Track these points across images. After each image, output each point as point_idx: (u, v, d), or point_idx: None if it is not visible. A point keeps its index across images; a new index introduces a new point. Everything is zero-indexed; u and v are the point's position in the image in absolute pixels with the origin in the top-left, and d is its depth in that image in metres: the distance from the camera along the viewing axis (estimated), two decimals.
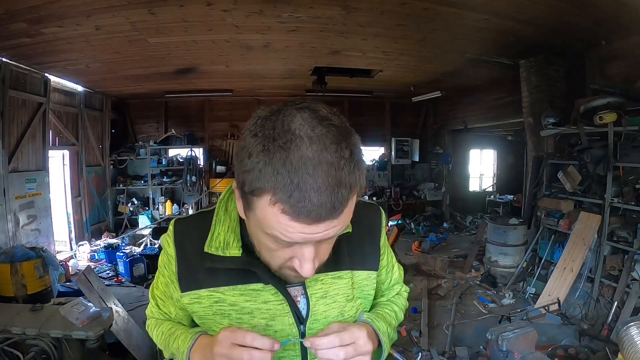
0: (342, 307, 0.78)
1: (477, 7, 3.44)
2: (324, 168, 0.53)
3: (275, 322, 0.74)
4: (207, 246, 0.72)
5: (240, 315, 0.74)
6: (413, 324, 3.73)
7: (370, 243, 0.84)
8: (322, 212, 0.54)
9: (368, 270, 0.83)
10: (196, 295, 0.75)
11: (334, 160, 0.54)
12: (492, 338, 1.50)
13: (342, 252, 0.77)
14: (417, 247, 6.39)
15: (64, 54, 4.50)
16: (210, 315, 0.75)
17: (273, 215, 0.56)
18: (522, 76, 5.08)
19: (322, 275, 0.76)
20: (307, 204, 0.53)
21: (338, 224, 0.58)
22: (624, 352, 1.57)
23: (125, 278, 5.14)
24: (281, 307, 0.74)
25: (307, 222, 0.55)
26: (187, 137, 7.68)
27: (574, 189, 4.18)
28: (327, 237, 0.59)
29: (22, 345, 2.45)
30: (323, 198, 0.53)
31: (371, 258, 0.84)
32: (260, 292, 0.74)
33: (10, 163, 4.61)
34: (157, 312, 0.87)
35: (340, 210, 0.56)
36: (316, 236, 0.58)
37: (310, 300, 0.76)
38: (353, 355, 0.67)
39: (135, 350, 2.97)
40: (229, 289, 0.74)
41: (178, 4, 3.30)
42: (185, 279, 0.76)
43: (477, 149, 9.57)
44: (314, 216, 0.54)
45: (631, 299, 3.33)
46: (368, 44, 4.54)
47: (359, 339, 0.69)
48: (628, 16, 3.44)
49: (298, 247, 0.61)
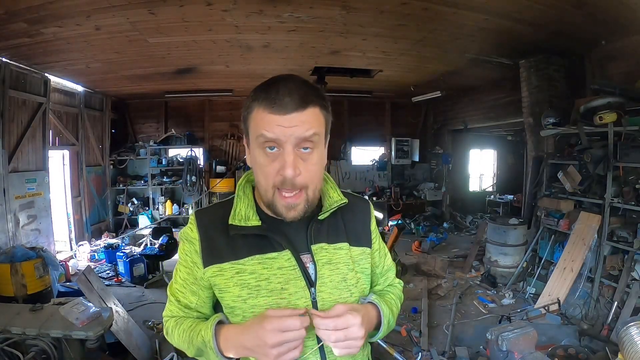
0: (345, 274, 0.91)
1: (477, 7, 3.44)
2: (294, 83, 0.78)
3: (289, 285, 0.86)
4: (232, 219, 0.87)
5: (259, 282, 0.85)
6: (413, 324, 3.73)
7: (363, 225, 1.00)
8: (290, 103, 0.76)
9: (363, 247, 0.97)
10: (219, 268, 0.87)
11: (302, 82, 0.80)
12: (492, 338, 1.51)
13: (340, 228, 0.94)
14: (417, 247, 6.39)
15: (64, 54, 4.50)
16: (230, 286, 0.86)
17: (258, 116, 0.78)
18: (522, 76, 5.08)
19: (325, 244, 0.91)
20: (280, 98, 0.76)
21: (306, 121, 0.77)
22: (624, 352, 1.57)
23: (125, 278, 5.15)
24: (294, 272, 0.86)
25: (281, 112, 0.76)
26: (187, 137, 7.67)
27: (574, 189, 4.18)
28: (298, 133, 0.77)
29: (22, 345, 2.45)
30: (291, 95, 0.76)
31: (364, 238, 0.99)
32: (275, 259, 0.86)
33: (10, 163, 4.61)
34: (177, 308, 0.94)
35: (305, 106, 0.77)
36: (289, 130, 0.76)
37: (317, 265, 0.89)
38: (343, 340, 0.78)
39: (135, 350, 2.97)
40: (248, 259, 0.86)
41: (178, 4, 3.30)
42: (208, 255, 0.88)
43: (477, 149, 9.57)
44: (285, 107, 0.76)
45: (631, 299, 3.33)
46: (368, 44, 4.54)
47: (353, 326, 0.79)
48: (628, 16, 3.44)
49: (282, 156, 0.78)
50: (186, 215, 7.62)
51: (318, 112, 0.80)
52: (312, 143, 0.80)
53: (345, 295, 0.91)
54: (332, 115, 0.86)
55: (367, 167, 8.91)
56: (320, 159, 0.84)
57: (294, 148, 0.78)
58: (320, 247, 0.90)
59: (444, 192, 8.60)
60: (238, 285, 0.86)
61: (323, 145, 0.85)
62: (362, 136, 8.88)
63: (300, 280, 0.87)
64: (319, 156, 0.83)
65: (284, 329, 0.75)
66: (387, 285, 1.08)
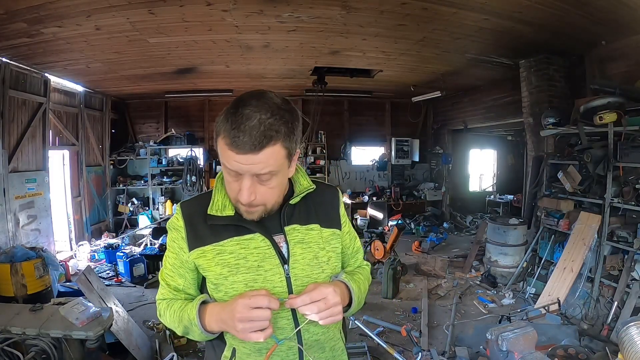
0: (316, 252, 1.00)
1: (477, 7, 3.44)
2: (257, 117, 0.80)
3: (264, 262, 0.95)
4: (210, 209, 0.96)
5: (237, 261, 0.94)
6: (413, 324, 3.72)
7: (332, 209, 1.09)
8: (246, 146, 0.79)
9: (333, 229, 1.06)
10: (202, 251, 0.96)
11: (265, 115, 0.81)
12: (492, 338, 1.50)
13: (311, 211, 1.04)
14: (417, 247, 6.39)
15: (64, 54, 4.50)
16: (212, 266, 0.95)
17: (222, 147, 0.83)
18: (522, 76, 5.08)
19: (297, 226, 1.00)
20: (238, 139, 0.79)
21: (260, 162, 0.81)
22: (624, 352, 1.56)
23: (125, 278, 5.15)
24: (269, 251, 0.96)
25: (237, 151, 0.80)
26: (187, 137, 7.67)
27: (574, 189, 4.18)
28: (254, 171, 0.82)
29: (22, 345, 2.45)
30: (247, 137, 0.79)
31: (334, 221, 1.08)
32: (251, 240, 0.96)
33: (10, 163, 4.61)
34: (167, 291, 1.03)
35: (260, 148, 0.80)
36: (245, 167, 0.82)
37: (290, 244, 0.98)
38: (325, 308, 0.86)
39: (135, 350, 2.97)
40: (228, 241, 0.96)
41: (178, 4, 3.30)
42: (193, 240, 0.97)
43: (477, 149, 9.57)
44: (241, 148, 0.80)
45: (631, 299, 3.33)
46: (368, 44, 4.54)
47: (328, 294, 0.87)
48: (628, 16, 3.44)
49: (241, 180, 0.85)
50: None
51: (278, 148, 0.83)
52: (270, 175, 0.86)
53: (317, 271, 0.99)
54: (329, 116, 0.93)
55: (367, 167, 8.91)
56: (279, 182, 0.91)
57: (251, 177, 0.85)
58: (292, 228, 0.99)
59: (444, 192, 8.60)
60: (219, 264, 0.95)
61: (283, 171, 0.90)
62: (362, 136, 8.88)
63: (275, 258, 0.96)
64: (278, 181, 0.90)
65: (252, 305, 0.82)
66: (357, 267, 1.17)
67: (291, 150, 0.87)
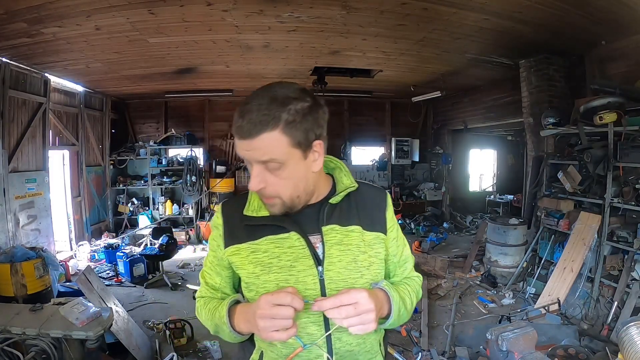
0: (355, 255, 0.95)
1: (477, 7, 3.43)
2: (257, 104, 0.80)
3: (298, 263, 0.92)
4: (246, 210, 0.97)
5: (271, 260, 0.93)
6: (413, 324, 3.72)
7: (377, 212, 1.02)
8: (244, 132, 0.80)
9: (377, 232, 0.99)
10: (236, 248, 0.96)
11: (266, 102, 0.80)
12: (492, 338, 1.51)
13: (353, 212, 0.98)
14: (417, 247, 6.39)
15: (64, 54, 4.50)
16: (246, 264, 0.95)
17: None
18: (522, 76, 5.08)
19: (337, 226, 0.95)
20: (239, 122, 0.81)
21: (258, 148, 0.81)
22: (624, 352, 1.57)
23: (125, 278, 5.15)
24: (303, 251, 0.92)
25: (238, 137, 0.82)
26: (187, 137, 7.66)
27: (574, 189, 4.18)
28: (255, 157, 0.83)
29: (22, 345, 2.45)
30: (245, 123, 0.80)
31: (378, 224, 1.01)
32: (286, 239, 0.93)
33: (10, 163, 4.61)
34: (205, 289, 1.05)
35: (256, 134, 0.80)
36: (247, 153, 0.83)
37: (326, 245, 0.93)
38: (354, 314, 0.79)
39: (135, 350, 2.97)
40: (263, 240, 0.94)
41: (178, 4, 3.30)
42: (229, 237, 0.98)
43: (477, 149, 9.57)
44: (241, 134, 0.81)
45: (631, 299, 3.33)
46: (368, 44, 4.54)
47: (360, 299, 0.80)
48: (628, 16, 3.44)
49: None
50: (186, 215, 7.63)
51: (277, 135, 0.80)
52: (276, 164, 0.83)
53: (355, 275, 0.94)
54: (329, 115, 0.91)
55: (367, 167, 8.91)
56: (291, 174, 0.85)
57: (258, 165, 0.84)
58: (331, 229, 0.95)
59: (444, 192, 8.60)
60: (252, 262, 0.94)
61: (294, 162, 0.85)
62: (362, 136, 8.88)
63: (309, 258, 0.92)
64: (289, 172, 0.85)
65: (274, 302, 0.79)
66: (405, 278, 1.09)
67: (300, 139, 0.82)
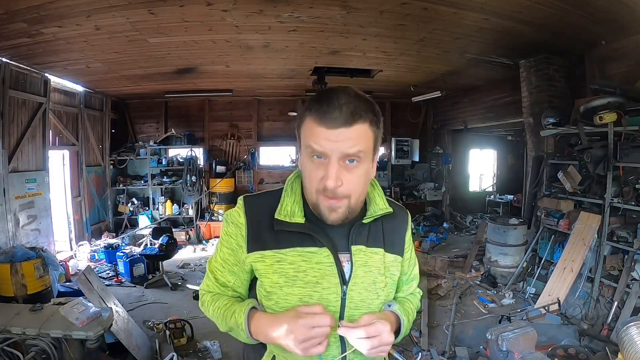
0: (375, 277, 0.95)
1: (477, 7, 3.43)
2: (346, 97, 0.80)
3: (324, 280, 0.90)
4: (277, 214, 0.91)
5: (296, 273, 0.90)
6: (413, 324, 3.73)
7: (399, 234, 1.03)
8: (339, 118, 0.78)
9: (395, 255, 1.01)
10: (261, 255, 0.92)
11: (354, 97, 0.81)
12: (492, 338, 1.51)
13: (379, 234, 0.98)
14: (417, 247, 6.39)
15: (64, 54, 4.50)
16: (270, 273, 0.91)
17: (308, 126, 0.82)
18: (522, 76, 5.08)
19: (363, 247, 0.94)
20: (330, 112, 0.78)
21: (351, 138, 0.79)
22: (624, 352, 1.57)
23: (125, 278, 5.15)
24: (330, 269, 0.90)
25: (329, 126, 0.79)
26: (187, 137, 7.66)
27: (574, 189, 4.18)
28: (342, 149, 0.79)
29: (22, 345, 2.45)
30: (338, 113, 0.78)
31: (398, 246, 1.02)
32: (315, 254, 0.90)
33: (10, 163, 4.61)
34: (214, 284, 1.01)
35: (352, 122, 0.79)
36: (335, 144, 0.79)
37: (354, 265, 0.92)
38: (377, 346, 0.83)
39: (135, 350, 2.97)
40: (290, 250, 0.91)
41: (178, 4, 3.30)
42: (253, 241, 0.93)
43: (477, 149, 9.57)
44: (332, 123, 0.78)
45: (631, 299, 3.33)
46: (368, 44, 4.54)
47: (383, 332, 0.83)
48: (628, 16, 3.44)
49: (326, 166, 0.81)
50: (186, 215, 7.62)
51: (367, 128, 0.82)
52: (358, 158, 0.82)
53: (372, 297, 0.95)
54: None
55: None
56: (365, 172, 0.86)
57: (338, 160, 0.81)
58: (358, 249, 0.94)
59: (444, 192, 8.59)
60: (277, 272, 0.91)
61: (370, 159, 0.87)
62: None
63: (335, 277, 0.91)
64: (364, 170, 0.85)
65: (314, 325, 0.79)
66: (409, 294, 1.13)
67: (378, 138, 0.86)
